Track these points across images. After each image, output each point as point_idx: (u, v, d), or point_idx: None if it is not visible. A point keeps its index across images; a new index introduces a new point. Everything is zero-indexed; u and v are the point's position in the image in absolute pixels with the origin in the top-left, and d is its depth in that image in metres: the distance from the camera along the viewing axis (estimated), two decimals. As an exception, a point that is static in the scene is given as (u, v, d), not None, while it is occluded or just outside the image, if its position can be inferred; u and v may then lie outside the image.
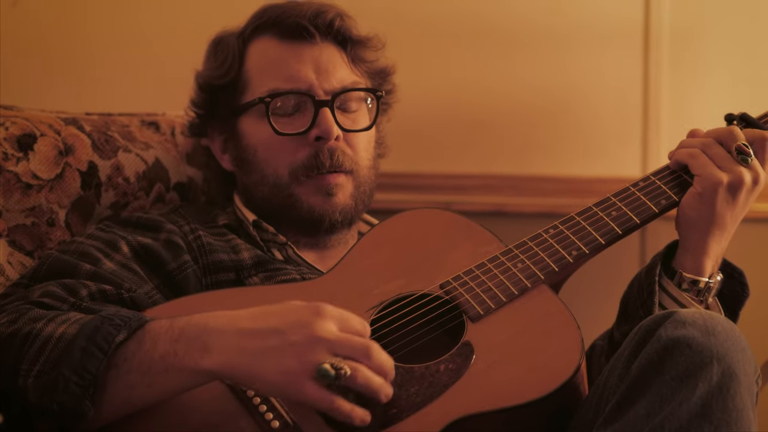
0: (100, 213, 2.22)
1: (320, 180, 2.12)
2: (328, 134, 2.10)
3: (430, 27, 2.20)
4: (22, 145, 2.12)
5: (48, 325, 1.67)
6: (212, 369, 1.58)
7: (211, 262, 2.03)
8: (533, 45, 2.81)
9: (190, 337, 1.60)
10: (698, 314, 1.62)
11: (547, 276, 1.84)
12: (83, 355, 1.60)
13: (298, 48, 2.15)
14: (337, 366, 1.54)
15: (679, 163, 1.94)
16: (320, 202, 2.13)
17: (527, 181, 2.83)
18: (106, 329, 1.62)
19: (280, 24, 2.16)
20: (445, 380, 1.69)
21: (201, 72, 2.25)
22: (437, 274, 1.86)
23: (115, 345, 1.61)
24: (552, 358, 1.72)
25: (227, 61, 2.20)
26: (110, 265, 1.94)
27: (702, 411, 1.52)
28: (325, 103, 2.11)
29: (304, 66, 2.14)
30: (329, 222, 2.14)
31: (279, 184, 2.14)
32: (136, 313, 1.69)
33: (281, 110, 2.13)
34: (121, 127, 2.31)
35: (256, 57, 2.19)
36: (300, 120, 2.12)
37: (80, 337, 1.61)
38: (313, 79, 2.13)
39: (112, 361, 1.61)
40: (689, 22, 2.79)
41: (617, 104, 2.81)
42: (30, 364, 1.63)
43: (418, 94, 2.71)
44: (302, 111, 2.13)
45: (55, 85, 2.83)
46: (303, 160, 2.12)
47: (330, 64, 2.16)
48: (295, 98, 2.13)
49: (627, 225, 1.89)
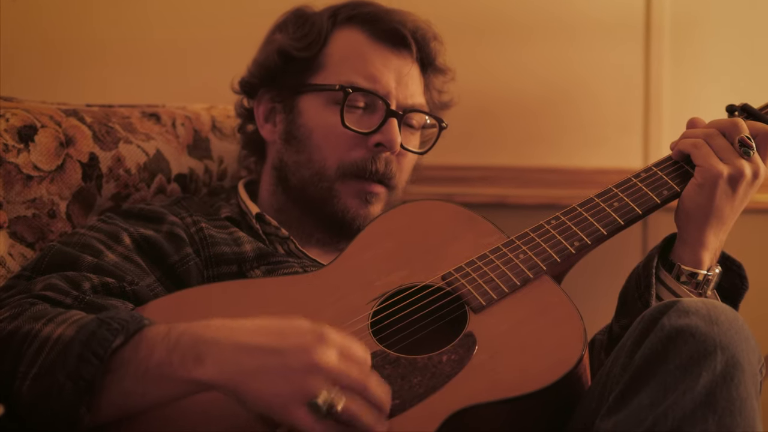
0: (101, 204, 2.22)
1: (364, 185, 2.13)
2: (392, 144, 2.11)
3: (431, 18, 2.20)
4: (22, 136, 2.12)
5: (47, 325, 1.65)
6: (205, 380, 1.56)
7: (213, 254, 2.03)
8: (535, 36, 2.81)
9: (185, 346, 1.58)
10: (701, 303, 1.62)
11: (549, 267, 1.84)
12: (78, 361, 1.58)
13: (386, 53, 2.16)
14: (331, 402, 1.52)
15: (681, 152, 1.94)
16: (356, 205, 2.14)
17: (529, 172, 2.83)
18: (102, 334, 1.60)
19: (379, 23, 2.17)
20: (448, 371, 1.69)
21: (278, 37, 2.23)
22: (439, 266, 1.86)
23: (111, 351, 1.59)
24: (555, 348, 1.71)
25: (311, 35, 2.18)
26: (112, 257, 1.94)
27: (706, 400, 1.52)
28: (397, 115, 2.12)
29: (389, 72, 2.15)
30: (357, 227, 2.14)
31: (323, 174, 2.14)
32: (134, 315, 1.67)
33: (353, 102, 2.13)
34: (121, 118, 2.31)
35: (341, 44, 2.18)
36: (366, 121, 2.13)
37: (76, 342, 1.60)
38: (392, 87, 2.14)
39: (108, 366, 1.59)
40: (691, 13, 2.79)
41: (619, 95, 2.81)
42: (27, 366, 1.62)
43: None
44: (371, 113, 2.13)
45: (56, 77, 2.83)
46: (356, 161, 2.12)
47: (410, 79, 2.17)
48: (370, 98, 2.13)
49: (629, 216, 1.89)
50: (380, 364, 1.70)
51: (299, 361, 1.54)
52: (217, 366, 1.56)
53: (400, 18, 2.17)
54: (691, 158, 1.92)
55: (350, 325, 1.77)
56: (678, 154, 1.95)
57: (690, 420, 1.51)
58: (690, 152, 1.91)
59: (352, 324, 1.77)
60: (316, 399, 1.51)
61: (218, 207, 2.19)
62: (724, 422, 1.51)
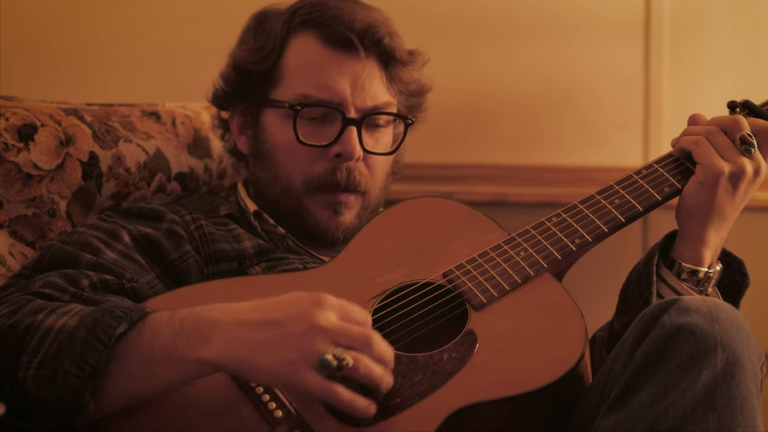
0: (101, 203, 2.22)
1: (331, 197, 2.11)
2: (350, 154, 2.09)
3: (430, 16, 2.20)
4: (22, 135, 2.12)
5: (49, 317, 1.66)
6: (211, 359, 1.57)
7: (213, 251, 2.03)
8: (534, 34, 2.81)
9: (190, 327, 1.60)
10: (702, 301, 1.62)
11: (550, 264, 1.84)
12: (83, 347, 1.59)
13: (340, 58, 2.11)
14: (339, 356, 1.53)
15: (682, 150, 1.94)
16: (326, 217, 2.12)
17: (528, 170, 2.83)
18: (106, 321, 1.61)
19: (328, 28, 2.12)
20: (449, 369, 1.69)
21: (237, 50, 2.21)
22: (440, 263, 1.86)
23: (115, 337, 1.60)
24: (556, 346, 1.71)
25: (266, 47, 2.15)
26: (111, 255, 1.94)
27: (706, 398, 1.52)
28: (353, 122, 2.09)
29: (342, 78, 2.10)
30: (331, 238, 2.13)
31: (290, 191, 2.13)
32: (136, 304, 1.69)
33: (308, 116, 2.10)
34: (121, 117, 2.31)
35: (296, 54, 2.15)
36: (325, 131, 2.10)
37: (80, 329, 1.61)
38: (347, 93, 2.10)
39: (113, 353, 1.60)
40: (690, 11, 2.79)
41: (618, 93, 2.81)
42: (30, 356, 1.62)
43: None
44: (329, 123, 2.10)
45: (56, 76, 2.83)
46: (319, 174, 2.11)
47: (367, 81, 2.13)
48: (325, 109, 2.10)
49: (630, 213, 1.89)
50: (381, 361, 1.70)
51: (299, 326, 1.55)
52: (222, 344, 1.57)
53: (349, 20, 2.11)
54: (692, 155, 1.92)
55: (351, 322, 1.76)
56: (679, 151, 1.94)
57: (690, 418, 1.51)
58: (691, 149, 1.91)
59: (353, 322, 1.77)
60: (325, 356, 1.52)
61: (218, 205, 2.19)
62: (725, 420, 1.52)
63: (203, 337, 1.58)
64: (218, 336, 1.57)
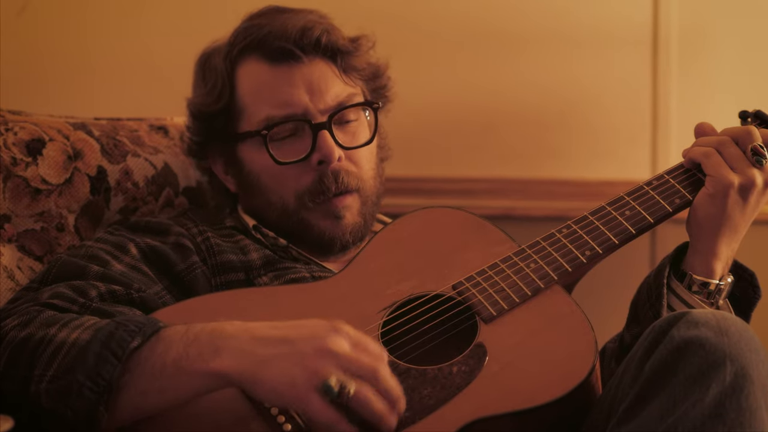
0: (109, 218, 2.22)
1: (328, 205, 2.11)
2: (330, 158, 2.08)
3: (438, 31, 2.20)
4: (30, 149, 2.12)
5: (61, 330, 1.66)
6: (221, 371, 1.57)
7: (220, 262, 2.03)
8: (542, 48, 2.81)
9: (203, 341, 1.60)
10: (711, 314, 1.61)
11: (561, 276, 1.83)
12: (97, 360, 1.59)
13: (287, 71, 2.11)
14: (343, 383, 1.52)
15: (692, 161, 1.93)
16: (330, 225, 2.12)
17: (536, 184, 2.83)
18: (120, 335, 1.61)
19: (266, 46, 2.12)
20: (459, 382, 1.68)
21: (192, 99, 2.22)
22: (450, 275, 1.85)
23: (129, 351, 1.60)
24: (566, 359, 1.71)
25: (217, 86, 2.16)
26: (119, 266, 1.94)
27: (715, 412, 1.51)
28: (323, 126, 2.09)
29: (296, 89, 2.10)
30: (341, 244, 2.13)
31: (287, 210, 2.13)
32: (150, 318, 1.69)
33: (279, 135, 2.10)
34: (129, 131, 2.31)
35: (247, 82, 2.15)
36: (299, 144, 2.10)
37: (94, 343, 1.61)
38: (306, 101, 2.10)
39: (126, 366, 1.60)
40: (697, 24, 2.79)
41: (626, 106, 2.81)
42: (43, 369, 1.62)
43: (426, 98, 2.72)
44: (300, 135, 2.10)
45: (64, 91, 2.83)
46: (308, 186, 2.10)
47: (322, 82, 2.12)
48: (291, 124, 2.10)
49: (641, 224, 1.88)
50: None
51: (311, 346, 1.55)
52: (233, 358, 1.57)
53: (282, 31, 2.11)
54: (701, 167, 1.91)
55: (360, 334, 1.76)
56: (689, 162, 1.94)
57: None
58: (701, 161, 1.91)
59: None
60: (328, 380, 1.51)
61: (224, 217, 2.19)
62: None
63: (215, 349, 1.58)
64: (230, 349, 1.58)
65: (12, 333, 1.69)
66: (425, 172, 2.66)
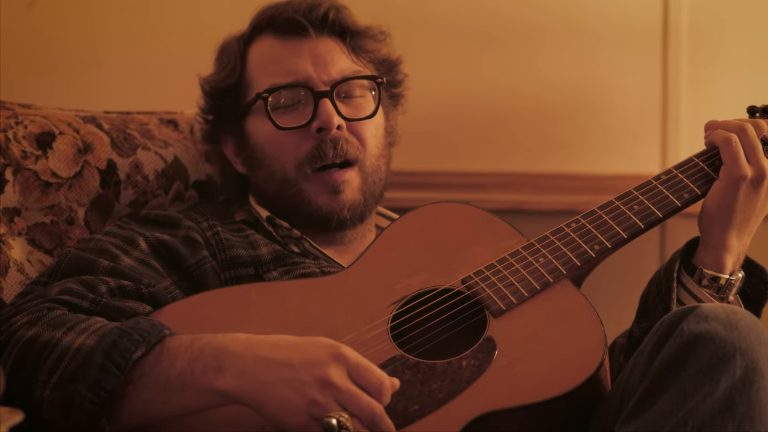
0: (119, 211, 2.22)
1: (326, 177, 2.11)
2: (329, 124, 2.09)
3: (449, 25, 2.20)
4: (41, 143, 2.13)
5: (67, 334, 1.66)
6: (225, 390, 1.58)
7: (230, 257, 2.03)
8: (552, 43, 2.81)
9: (208, 357, 1.60)
10: (721, 308, 1.61)
11: (570, 271, 1.83)
12: (100, 372, 1.59)
13: (295, 43, 2.15)
14: (343, 425, 1.52)
15: (713, 143, 1.93)
16: (327, 200, 2.12)
17: (546, 178, 2.83)
18: (123, 345, 1.61)
19: (276, 22, 2.16)
20: (468, 376, 1.69)
21: (206, 78, 2.25)
22: (459, 269, 1.86)
23: (132, 362, 1.60)
24: (575, 353, 1.71)
25: (230, 64, 2.20)
26: (129, 261, 1.94)
27: (725, 405, 1.52)
28: (324, 94, 2.10)
29: (302, 60, 2.13)
30: (338, 219, 2.13)
31: (287, 180, 2.13)
32: (155, 324, 1.67)
33: (282, 105, 2.12)
34: (139, 125, 2.31)
35: (256, 57, 2.19)
36: (301, 113, 2.12)
37: (98, 353, 1.61)
38: (311, 71, 2.12)
39: (129, 376, 1.60)
40: (707, 19, 2.78)
41: (636, 101, 2.81)
42: (47, 375, 1.63)
43: (437, 92, 2.72)
44: (303, 104, 2.12)
45: (73, 85, 2.83)
46: (307, 152, 2.11)
47: (328, 55, 2.15)
48: (294, 92, 2.12)
49: (649, 219, 1.88)
50: (399, 369, 1.70)
51: (311, 374, 1.55)
52: (237, 377, 1.57)
53: (292, 7, 2.16)
54: (720, 153, 1.91)
55: (370, 329, 1.77)
56: (709, 144, 1.95)
57: (710, 426, 1.51)
58: (720, 147, 1.91)
59: (371, 328, 1.77)
60: (330, 419, 1.51)
61: (233, 211, 2.19)
62: (744, 428, 1.51)
63: (219, 366, 1.59)
64: (234, 368, 1.58)
65: (20, 332, 1.70)
66: (435, 166, 2.66)
